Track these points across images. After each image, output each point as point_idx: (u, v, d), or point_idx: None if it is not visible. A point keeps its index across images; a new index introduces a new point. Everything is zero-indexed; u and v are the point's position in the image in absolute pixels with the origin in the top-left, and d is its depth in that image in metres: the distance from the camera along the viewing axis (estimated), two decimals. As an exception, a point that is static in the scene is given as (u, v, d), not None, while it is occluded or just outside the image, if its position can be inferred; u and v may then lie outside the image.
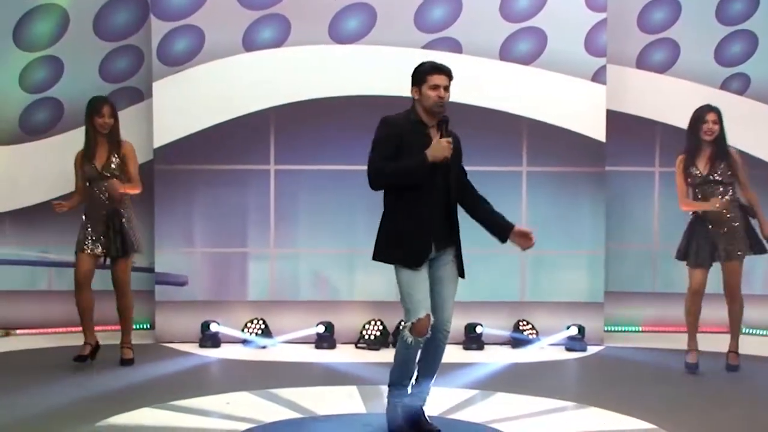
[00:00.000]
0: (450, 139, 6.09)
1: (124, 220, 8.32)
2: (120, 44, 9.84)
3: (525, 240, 6.41)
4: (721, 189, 8.16)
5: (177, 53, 9.43)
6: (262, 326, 9.39)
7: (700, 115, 8.19)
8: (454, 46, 9.43)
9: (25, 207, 9.79)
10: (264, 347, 9.26)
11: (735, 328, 8.45)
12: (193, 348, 9.21)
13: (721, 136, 8.18)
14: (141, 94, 9.76)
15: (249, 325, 9.40)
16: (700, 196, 8.20)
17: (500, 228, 6.41)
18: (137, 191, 8.46)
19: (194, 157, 9.43)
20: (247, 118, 9.45)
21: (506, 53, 9.45)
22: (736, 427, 6.77)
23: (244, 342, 9.35)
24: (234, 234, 9.60)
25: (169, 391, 7.52)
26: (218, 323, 9.37)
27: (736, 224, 8.18)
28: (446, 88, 6.18)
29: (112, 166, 8.31)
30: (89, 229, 8.31)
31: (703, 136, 8.13)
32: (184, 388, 7.66)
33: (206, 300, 9.55)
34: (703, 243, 8.16)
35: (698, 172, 8.15)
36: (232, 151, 9.48)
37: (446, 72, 6.21)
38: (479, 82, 9.40)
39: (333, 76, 9.38)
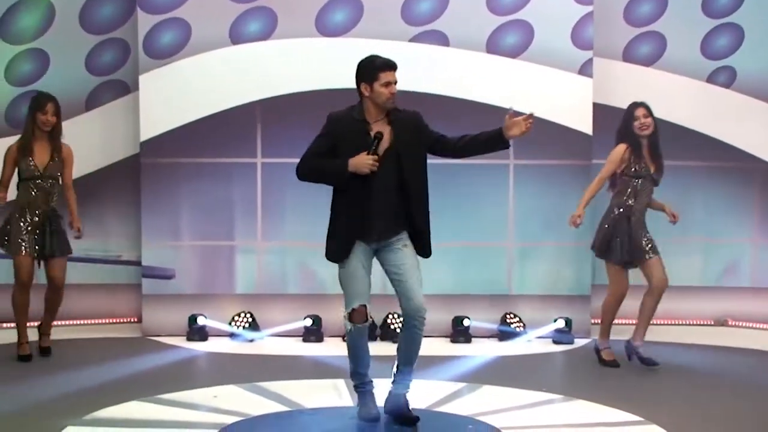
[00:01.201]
0: (376, 158, 6.08)
1: (60, 220, 8.31)
2: (106, 37, 9.81)
3: (518, 127, 6.16)
4: (649, 187, 8.15)
5: (163, 46, 9.41)
6: (250, 319, 9.39)
7: (630, 112, 8.14)
8: (441, 39, 9.43)
9: (9, 201, 9.73)
10: (251, 340, 9.26)
11: (648, 320, 8.37)
12: (180, 341, 9.20)
13: (656, 132, 8.14)
14: (127, 87, 9.74)
15: (236, 318, 9.40)
16: (630, 189, 8.13)
17: (494, 139, 6.28)
18: (75, 198, 8.44)
19: (181, 151, 9.41)
20: (234, 110, 9.44)
21: (493, 46, 9.45)
22: (723, 418, 6.79)
23: (232, 335, 9.34)
24: (221, 227, 9.59)
25: (156, 384, 7.51)
26: (205, 317, 9.36)
27: (645, 225, 8.19)
28: (395, 83, 6.20)
29: (53, 167, 8.25)
30: (25, 229, 8.22)
31: (639, 132, 8.10)
32: (172, 381, 7.64)
33: (193, 293, 9.53)
34: (627, 240, 8.10)
35: (642, 167, 8.11)
36: (219, 144, 9.47)
37: (396, 67, 6.25)
38: (466, 75, 9.42)
39: (320, 68, 9.37)
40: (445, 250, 9.24)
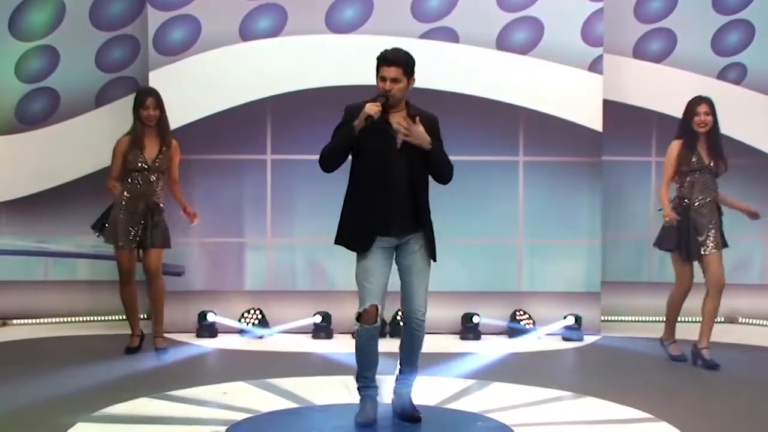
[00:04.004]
0: (378, 104, 6.05)
1: (162, 212, 8.39)
2: (116, 34, 9.82)
3: None
4: (711, 180, 8.15)
5: (173, 43, 9.41)
6: (259, 316, 9.40)
7: (691, 108, 8.17)
8: (451, 36, 9.42)
9: (22, 197, 9.78)
10: (261, 337, 9.27)
11: (712, 322, 8.30)
12: (190, 338, 9.21)
13: (715, 127, 8.16)
14: (137, 84, 9.72)
15: (246, 315, 9.41)
16: (687, 184, 8.16)
17: None
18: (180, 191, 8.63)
19: (191, 147, 9.38)
20: (244, 107, 9.44)
21: (503, 43, 9.44)
22: (733, 416, 6.78)
23: (241, 332, 9.35)
24: (231, 224, 9.60)
25: (166, 380, 7.52)
26: (215, 313, 9.37)
27: (715, 218, 8.15)
28: (395, 80, 6.10)
29: (161, 160, 8.35)
30: (127, 221, 8.32)
31: (696, 128, 8.13)
32: (181, 378, 7.66)
33: (203, 290, 9.54)
34: (692, 236, 8.11)
35: (696, 160, 8.13)
36: (229, 141, 9.47)
37: (396, 63, 6.14)
38: (476, 72, 9.41)
39: (330, 65, 9.37)
40: (455, 246, 9.25)
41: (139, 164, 8.31)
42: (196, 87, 9.40)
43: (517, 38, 9.45)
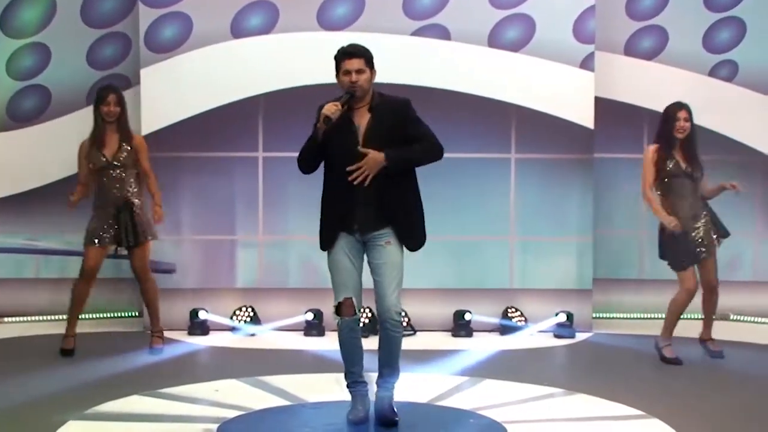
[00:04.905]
0: (337, 103, 5.99)
1: (135, 208, 8.27)
2: (107, 31, 9.81)
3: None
4: (689, 185, 8.14)
5: (165, 40, 9.40)
6: (251, 314, 9.40)
7: (671, 113, 8.16)
8: (443, 33, 9.42)
9: (12, 195, 9.76)
10: (253, 335, 9.26)
11: (711, 316, 8.44)
12: (181, 336, 9.20)
13: (692, 133, 8.18)
14: (128, 82, 9.71)
15: (238, 312, 9.40)
16: (669, 190, 8.16)
17: None
18: (156, 182, 8.43)
19: (182, 145, 9.41)
20: (236, 105, 9.44)
21: (495, 40, 9.44)
22: (724, 412, 6.79)
23: (233, 329, 9.35)
24: (222, 221, 9.59)
25: (157, 378, 7.51)
26: (207, 311, 9.37)
27: (705, 219, 8.17)
28: (359, 71, 6.06)
29: (123, 155, 8.25)
30: (99, 220, 8.25)
31: (675, 134, 8.14)
32: (173, 375, 7.66)
33: (195, 288, 9.54)
34: (684, 244, 8.12)
35: (673, 165, 8.13)
36: (221, 139, 9.46)
37: (357, 54, 6.12)
38: (468, 69, 9.41)
39: (321, 62, 9.27)
40: (447, 243, 9.26)
41: (102, 161, 8.22)
42: (187, 84, 9.39)
43: (509, 35, 9.46)
